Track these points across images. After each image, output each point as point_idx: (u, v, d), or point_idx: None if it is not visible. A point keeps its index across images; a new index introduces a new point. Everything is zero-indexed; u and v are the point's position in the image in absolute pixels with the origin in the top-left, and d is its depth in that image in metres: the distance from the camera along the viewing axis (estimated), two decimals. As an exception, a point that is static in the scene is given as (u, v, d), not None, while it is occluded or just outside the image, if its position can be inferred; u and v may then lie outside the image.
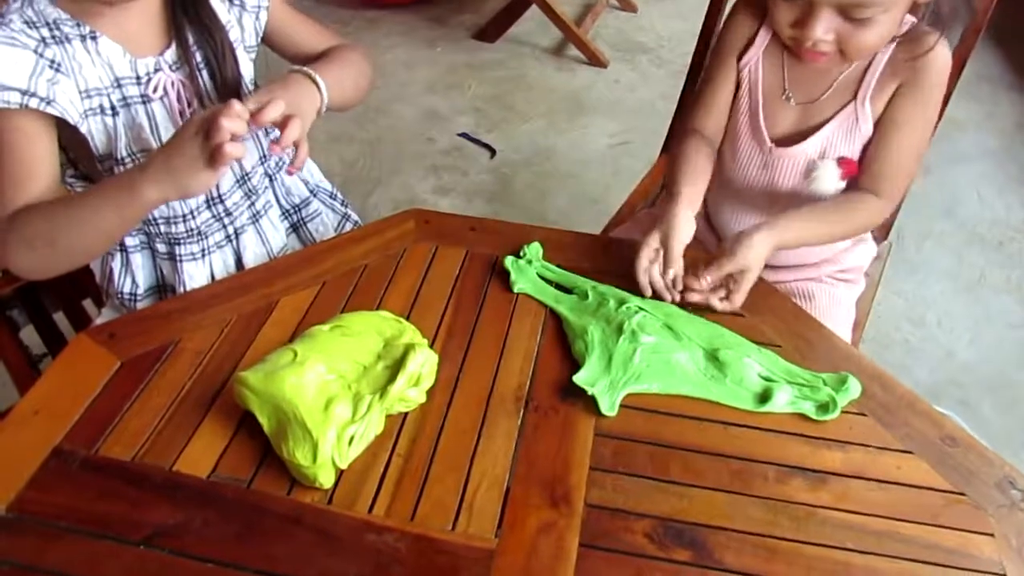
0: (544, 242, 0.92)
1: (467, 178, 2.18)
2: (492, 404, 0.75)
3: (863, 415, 0.76)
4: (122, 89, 0.86)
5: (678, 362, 0.79)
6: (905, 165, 0.95)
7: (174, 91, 0.88)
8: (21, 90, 0.77)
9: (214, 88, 0.91)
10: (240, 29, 0.94)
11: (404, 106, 2.44)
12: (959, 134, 2.35)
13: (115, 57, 0.85)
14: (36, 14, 0.81)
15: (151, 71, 0.87)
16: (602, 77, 2.63)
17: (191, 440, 0.71)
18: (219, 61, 0.90)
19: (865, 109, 0.94)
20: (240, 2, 0.93)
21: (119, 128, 0.86)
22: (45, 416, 0.72)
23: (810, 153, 0.98)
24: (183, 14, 0.88)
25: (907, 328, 1.78)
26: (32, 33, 0.80)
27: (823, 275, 1.08)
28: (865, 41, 0.86)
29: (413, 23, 2.89)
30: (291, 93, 0.85)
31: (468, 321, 0.84)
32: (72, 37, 0.82)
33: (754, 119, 1.00)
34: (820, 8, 0.84)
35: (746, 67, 0.99)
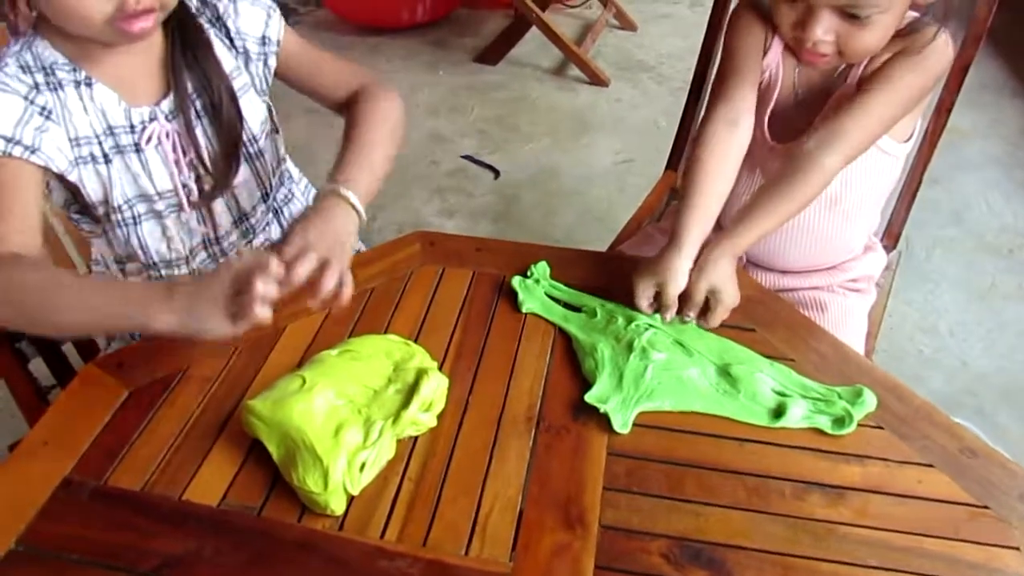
0: (551, 261, 0.92)
1: (472, 199, 2.18)
2: (503, 425, 0.75)
3: (880, 428, 0.75)
4: (115, 137, 0.84)
5: (690, 378, 0.78)
6: (869, 125, 0.89)
7: (168, 141, 0.86)
8: (6, 137, 0.76)
9: (214, 135, 0.89)
10: (248, 75, 0.92)
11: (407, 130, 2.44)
12: (964, 143, 2.35)
13: (109, 104, 0.83)
14: (34, 57, 0.80)
15: (145, 120, 0.85)
16: (604, 96, 2.64)
17: (200, 468, 0.70)
18: (219, 110, 0.87)
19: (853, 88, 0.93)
20: (244, 49, 0.91)
21: (112, 176, 0.85)
22: (54, 447, 0.72)
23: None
24: (183, 62, 0.86)
25: (920, 338, 1.76)
26: (25, 78, 0.79)
27: (835, 284, 1.07)
28: (864, 42, 0.86)
29: (414, 47, 2.91)
30: (327, 229, 0.78)
31: (477, 342, 0.84)
32: (66, 83, 0.81)
33: (760, 119, 0.99)
34: (819, 8, 0.84)
35: (767, 70, 0.99)
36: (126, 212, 0.88)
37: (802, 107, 0.98)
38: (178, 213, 0.91)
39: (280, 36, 0.93)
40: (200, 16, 0.88)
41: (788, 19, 0.89)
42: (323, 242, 0.75)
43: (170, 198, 0.89)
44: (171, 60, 0.85)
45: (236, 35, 0.90)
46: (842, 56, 0.89)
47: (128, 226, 0.89)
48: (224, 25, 0.90)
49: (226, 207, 0.94)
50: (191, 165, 0.89)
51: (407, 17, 2.93)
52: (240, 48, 0.91)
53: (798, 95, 0.98)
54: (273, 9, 0.93)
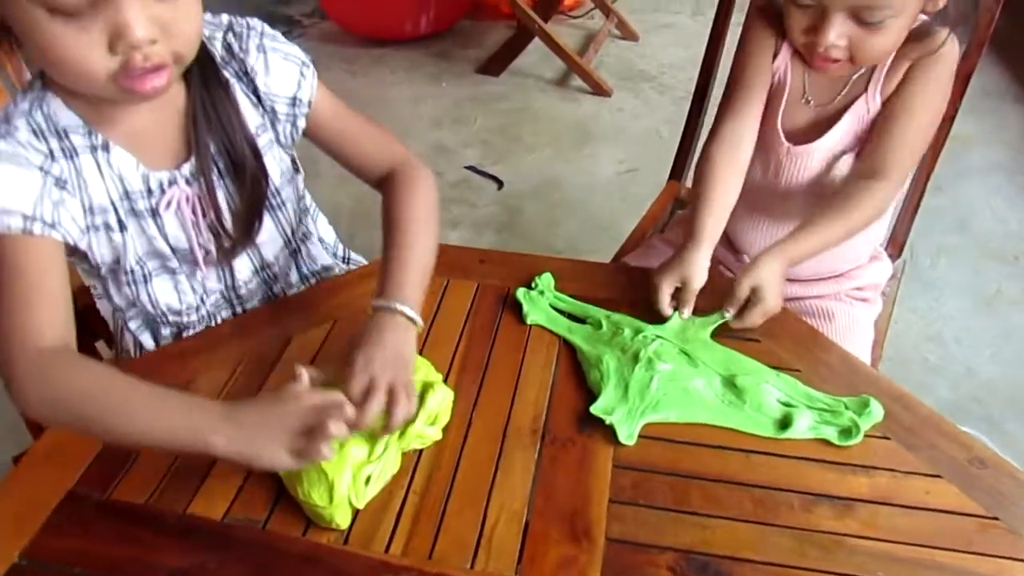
0: (556, 272, 0.92)
1: (475, 210, 2.19)
2: (508, 437, 0.74)
3: (887, 438, 0.74)
4: (131, 201, 0.79)
5: (695, 389, 0.78)
6: (912, 145, 0.93)
7: (188, 205, 0.81)
8: (25, 215, 0.70)
9: (236, 194, 0.84)
10: (274, 132, 0.86)
11: (411, 141, 2.46)
12: (967, 149, 2.34)
13: (127, 169, 0.77)
14: (45, 118, 0.73)
15: (164, 185, 0.79)
16: (606, 106, 2.65)
17: (204, 482, 0.70)
18: (242, 170, 0.82)
19: (876, 100, 0.94)
20: (272, 109, 0.85)
21: (127, 242, 0.80)
22: (58, 460, 0.72)
23: (826, 148, 0.98)
24: (205, 121, 0.79)
25: (926, 346, 1.75)
26: (39, 146, 0.73)
27: (841, 293, 1.07)
28: (877, 46, 0.86)
29: (418, 59, 2.93)
30: (388, 353, 0.72)
31: (482, 354, 0.83)
32: (82, 149, 0.75)
33: (770, 123, 1.00)
34: (832, 12, 0.84)
35: (776, 73, 1.00)
36: (137, 272, 0.83)
37: (817, 110, 0.99)
38: (194, 270, 0.86)
39: (312, 96, 0.86)
40: (225, 68, 0.81)
41: (800, 24, 0.89)
42: (387, 370, 0.70)
43: (186, 256, 0.85)
44: (193, 119, 0.79)
45: (265, 94, 0.83)
46: (853, 61, 0.89)
47: (138, 284, 0.84)
48: (252, 81, 0.83)
49: (248, 259, 0.90)
50: (210, 227, 0.84)
51: (411, 29, 2.94)
52: (268, 107, 0.84)
53: (809, 99, 0.98)
54: (307, 66, 0.86)
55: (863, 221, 0.93)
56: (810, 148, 0.98)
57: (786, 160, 1.00)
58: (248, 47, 0.82)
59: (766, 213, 1.06)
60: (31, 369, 0.68)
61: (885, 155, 0.92)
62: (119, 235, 0.79)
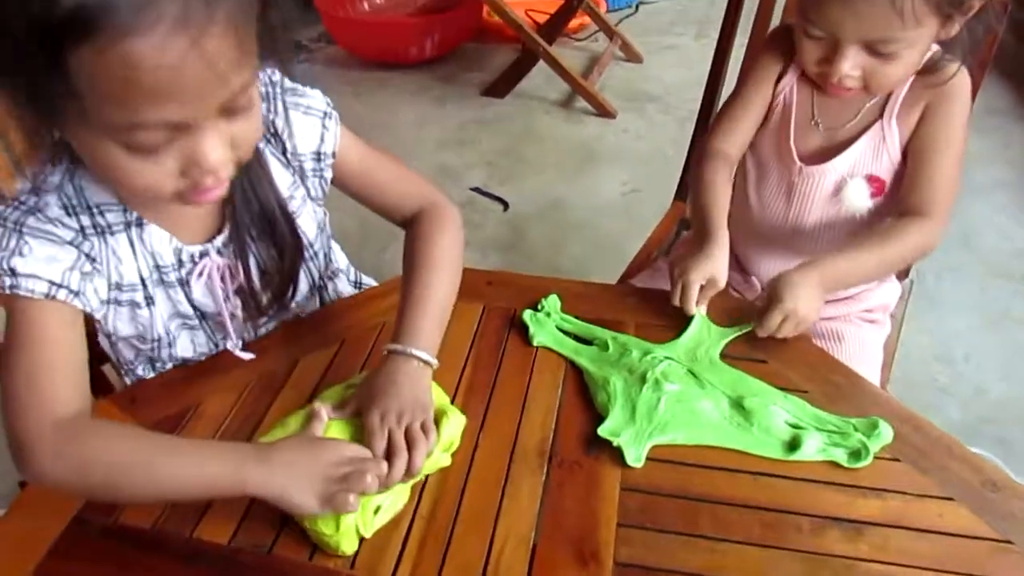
0: (562, 294, 0.92)
1: (481, 231, 2.19)
2: (515, 460, 0.74)
3: (897, 460, 0.73)
4: (161, 273, 0.78)
5: (703, 411, 0.78)
6: (948, 180, 0.94)
7: (218, 274, 0.80)
8: (53, 282, 0.68)
9: (269, 260, 0.82)
10: (304, 189, 0.85)
11: (416, 163, 2.47)
12: (973, 167, 2.34)
13: (160, 245, 0.76)
14: (76, 192, 0.71)
15: (196, 257, 0.78)
16: (611, 127, 2.66)
17: (211, 506, 0.70)
18: (277, 236, 0.81)
19: (892, 127, 0.95)
20: (300, 167, 0.83)
21: (154, 315, 0.79)
22: (65, 486, 0.72)
23: (838, 170, 0.98)
24: (241, 195, 0.78)
25: (935, 366, 1.74)
26: (70, 222, 0.71)
27: (851, 315, 1.07)
28: (890, 75, 0.87)
29: (423, 82, 2.95)
30: (406, 399, 0.72)
31: (488, 377, 0.83)
32: (116, 228, 0.73)
33: (783, 143, 1.01)
34: (846, 45, 0.85)
35: (782, 93, 1.01)
36: (163, 339, 0.82)
37: (827, 133, 0.99)
38: (215, 327, 0.85)
39: (335, 147, 0.84)
40: None
41: (813, 55, 0.90)
42: (406, 417, 0.71)
43: (213, 318, 0.84)
44: (231, 199, 0.77)
45: (292, 155, 0.82)
46: (867, 89, 0.90)
47: (162, 348, 0.83)
48: (281, 141, 0.81)
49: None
50: (238, 292, 0.83)
51: (416, 53, 2.97)
52: (296, 167, 0.83)
53: (818, 122, 0.99)
54: (328, 116, 0.83)
55: (909, 252, 0.93)
56: (823, 168, 0.99)
57: (798, 180, 1.01)
58: (276, 108, 0.80)
59: (777, 235, 1.06)
60: (51, 440, 0.66)
61: (923, 194, 0.93)
62: (146, 311, 0.79)
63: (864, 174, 0.97)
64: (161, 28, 0.52)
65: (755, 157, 1.07)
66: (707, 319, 0.88)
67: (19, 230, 0.68)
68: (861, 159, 0.97)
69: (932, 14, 0.82)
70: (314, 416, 0.72)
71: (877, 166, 0.97)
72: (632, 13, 3.41)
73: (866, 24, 0.82)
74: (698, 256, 0.88)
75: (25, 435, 0.66)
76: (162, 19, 0.52)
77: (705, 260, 0.87)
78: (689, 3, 3.51)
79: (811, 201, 1.01)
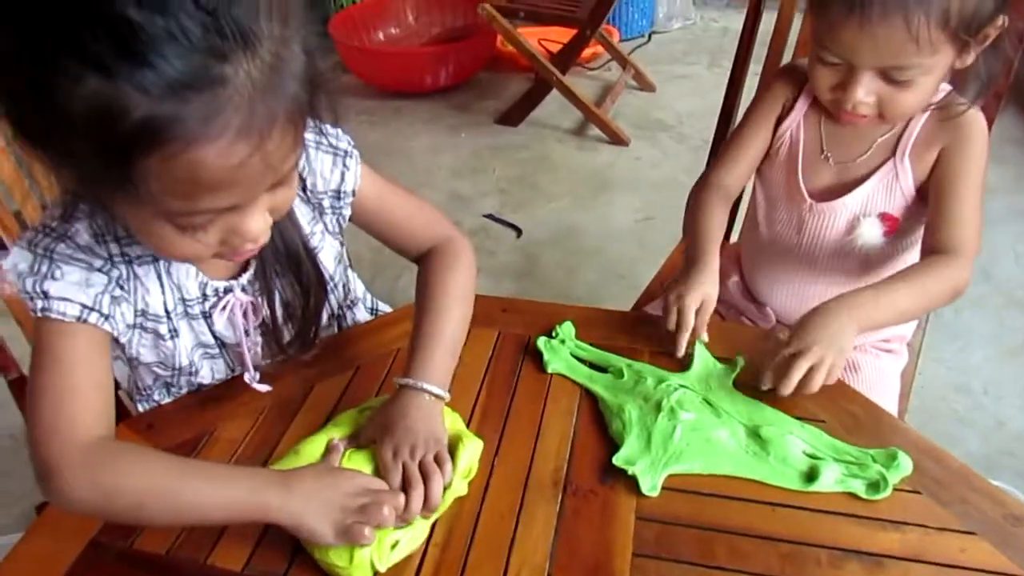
0: (576, 321, 0.92)
1: (494, 258, 2.20)
2: (530, 488, 0.74)
3: (917, 492, 0.72)
4: (186, 306, 0.79)
5: (719, 440, 0.77)
6: (973, 218, 0.93)
7: (240, 310, 0.81)
8: (84, 305, 0.70)
9: (293, 295, 0.83)
10: (323, 225, 0.86)
11: (430, 191, 2.49)
12: (990, 198, 2.29)
13: (187, 280, 0.78)
14: (107, 222, 0.72)
15: (220, 292, 0.80)
16: (624, 155, 2.68)
17: (225, 532, 0.70)
18: (300, 273, 0.82)
19: (905, 165, 0.95)
20: (319, 204, 0.85)
21: (178, 346, 0.80)
22: (80, 510, 0.72)
23: (850, 208, 0.98)
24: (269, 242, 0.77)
25: (953, 398, 1.72)
26: (99, 251, 0.72)
27: (867, 344, 1.06)
28: (905, 103, 0.87)
29: (437, 110, 2.98)
30: (420, 433, 0.73)
31: (502, 403, 0.83)
32: (144, 260, 0.74)
33: (792, 178, 1.01)
34: (861, 71, 0.85)
35: (787, 130, 1.01)
36: (186, 368, 0.83)
37: (838, 168, 0.99)
38: (235, 357, 0.86)
39: (356, 186, 0.85)
40: None
41: (827, 81, 0.90)
42: (419, 450, 0.72)
43: (234, 351, 0.85)
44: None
45: (311, 191, 0.83)
46: (881, 117, 0.89)
47: (183, 376, 0.84)
48: (302, 179, 0.82)
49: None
50: (260, 328, 0.83)
51: (430, 82, 3.01)
52: (315, 203, 0.85)
53: (828, 156, 0.99)
54: (350, 156, 0.84)
55: (938, 293, 0.90)
56: (834, 205, 0.98)
57: (809, 216, 1.00)
58: None
59: (790, 268, 1.06)
60: (78, 464, 0.66)
61: (950, 232, 0.92)
62: (170, 343, 0.79)
63: (877, 212, 0.97)
64: (227, 136, 0.53)
65: (765, 191, 1.07)
66: (708, 353, 0.87)
67: (50, 256, 0.69)
68: (873, 196, 0.97)
69: (948, 41, 0.82)
70: (331, 449, 0.72)
71: (890, 204, 0.97)
72: (645, 42, 3.44)
73: (882, 50, 0.82)
74: (690, 281, 0.89)
75: (51, 458, 0.66)
76: (228, 128, 0.53)
77: (697, 285, 0.88)
78: (702, 33, 3.54)
79: (823, 237, 1.01)
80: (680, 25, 3.56)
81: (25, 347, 0.77)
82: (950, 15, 0.79)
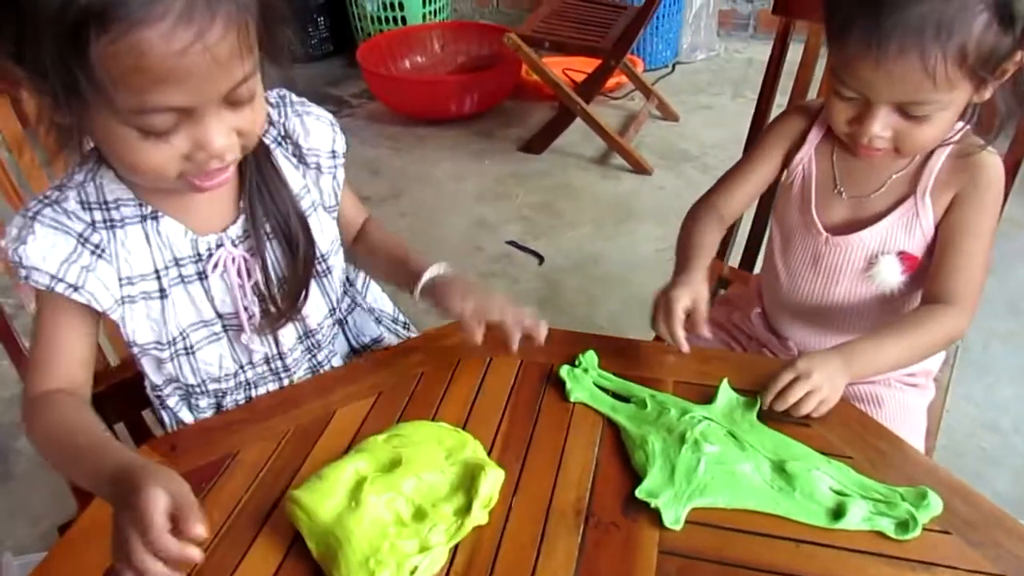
0: (599, 350, 0.92)
1: (516, 285, 2.20)
2: (551, 519, 0.73)
3: (947, 532, 0.71)
4: (179, 267, 0.82)
5: (743, 473, 0.76)
6: (976, 269, 0.92)
7: (234, 266, 0.84)
8: (51, 274, 0.75)
9: (283, 260, 0.87)
10: (318, 191, 0.91)
11: (453, 217, 2.51)
12: (1018, 232, 2.30)
13: (175, 237, 0.81)
14: (96, 190, 0.78)
15: (212, 248, 0.83)
16: (647, 184, 2.68)
17: (245, 557, 0.70)
18: (289, 235, 0.86)
19: (926, 203, 0.94)
20: (316, 164, 0.89)
21: (167, 310, 0.83)
22: (103, 532, 0.72)
23: (867, 244, 0.97)
24: (254, 188, 0.83)
25: (982, 435, 1.69)
26: (83, 216, 0.78)
27: (892, 378, 1.05)
28: (922, 138, 0.87)
29: (461, 138, 3.01)
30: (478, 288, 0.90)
31: (524, 432, 0.83)
32: (131, 220, 0.79)
33: (805, 212, 1.01)
34: (878, 106, 0.85)
35: (800, 164, 1.01)
36: (179, 344, 0.86)
37: (853, 202, 0.99)
38: (238, 335, 0.88)
39: (344, 150, 0.92)
40: (265, 136, 0.85)
41: (844, 115, 0.90)
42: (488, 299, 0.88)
43: (231, 320, 0.88)
44: (240, 187, 0.83)
45: (308, 152, 0.88)
46: (897, 152, 0.89)
47: (179, 357, 0.87)
48: (294, 143, 0.88)
49: (292, 326, 0.92)
50: (255, 289, 0.86)
51: (455, 110, 3.04)
52: (312, 164, 0.89)
53: (842, 190, 0.98)
54: (334, 123, 0.92)
55: (935, 342, 0.92)
56: (850, 239, 0.98)
57: (825, 249, 1.00)
58: (286, 113, 0.88)
59: (808, 304, 1.05)
60: (33, 408, 0.78)
61: (951, 283, 0.92)
62: (157, 303, 0.82)
63: (896, 250, 0.96)
64: (168, 20, 0.59)
65: (781, 224, 1.07)
66: (732, 388, 0.86)
67: (34, 218, 0.76)
68: (892, 233, 0.96)
69: (965, 78, 0.81)
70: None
71: (910, 242, 0.96)
72: (669, 73, 3.47)
73: (898, 86, 0.82)
74: (676, 282, 0.91)
75: (23, 401, 0.79)
76: (168, 12, 0.59)
77: (685, 287, 0.89)
78: (726, 63, 3.56)
79: (840, 272, 1.00)
80: (704, 56, 3.58)
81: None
82: (967, 52, 0.79)
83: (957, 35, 0.77)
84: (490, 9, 4.03)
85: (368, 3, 3.44)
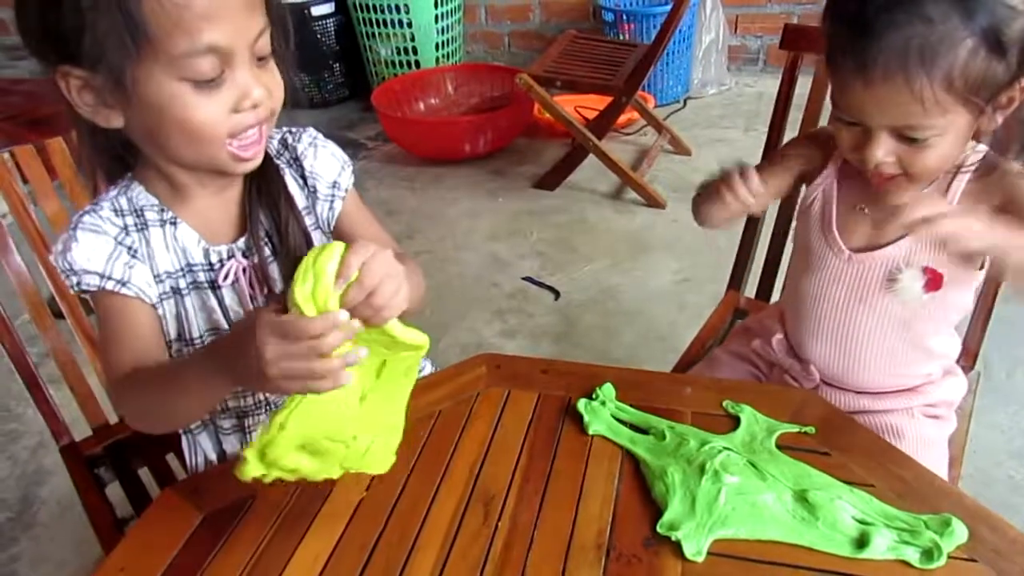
0: (617, 382, 0.92)
1: (532, 320, 2.21)
2: (572, 553, 0.73)
3: (974, 561, 0.70)
4: (193, 274, 0.88)
5: (765, 504, 0.76)
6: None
7: (245, 278, 0.89)
8: (99, 273, 0.82)
9: (289, 274, 0.86)
10: (315, 215, 0.95)
11: (469, 254, 2.54)
12: (1036, 257, 2.29)
13: (190, 243, 0.87)
14: (128, 201, 0.85)
15: (223, 258, 0.88)
16: (661, 217, 2.69)
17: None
18: (293, 250, 0.88)
19: None
20: (314, 188, 0.94)
21: (188, 309, 0.88)
22: (130, 574, 0.73)
23: (891, 258, 0.97)
24: (259, 203, 0.89)
25: (1008, 463, 1.66)
26: (117, 221, 0.84)
27: (913, 408, 1.04)
28: (927, 162, 0.87)
29: (475, 176, 3.05)
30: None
31: (543, 466, 0.83)
32: (153, 223, 0.85)
33: (828, 231, 1.01)
34: (876, 131, 0.86)
35: (820, 186, 1.02)
36: (198, 343, 0.89)
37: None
38: None
39: (348, 186, 0.96)
40: (278, 159, 0.92)
41: (848, 142, 0.91)
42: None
43: None
44: (248, 201, 0.89)
45: (309, 174, 0.94)
46: (908, 177, 0.89)
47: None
48: (300, 164, 0.94)
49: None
50: (267, 301, 0.90)
51: (469, 149, 3.09)
52: (311, 187, 0.94)
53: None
54: (347, 164, 0.97)
55: None
56: (873, 256, 0.98)
57: (847, 267, 1.00)
58: (301, 140, 0.95)
59: (831, 322, 1.04)
60: (116, 388, 0.85)
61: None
62: (182, 299, 0.88)
63: (920, 265, 0.96)
64: None
65: (802, 244, 1.07)
66: (755, 412, 0.86)
67: (75, 228, 0.83)
68: (916, 249, 0.96)
69: (957, 103, 0.81)
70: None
71: (934, 259, 0.95)
72: (680, 108, 3.50)
73: (888, 110, 0.83)
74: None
75: (109, 387, 0.88)
76: None
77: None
78: (737, 97, 3.59)
79: (862, 288, 1.00)
80: (715, 91, 3.62)
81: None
82: (953, 78, 0.79)
83: (942, 60, 0.78)
84: (501, 50, 4.11)
85: (382, 48, 3.53)
